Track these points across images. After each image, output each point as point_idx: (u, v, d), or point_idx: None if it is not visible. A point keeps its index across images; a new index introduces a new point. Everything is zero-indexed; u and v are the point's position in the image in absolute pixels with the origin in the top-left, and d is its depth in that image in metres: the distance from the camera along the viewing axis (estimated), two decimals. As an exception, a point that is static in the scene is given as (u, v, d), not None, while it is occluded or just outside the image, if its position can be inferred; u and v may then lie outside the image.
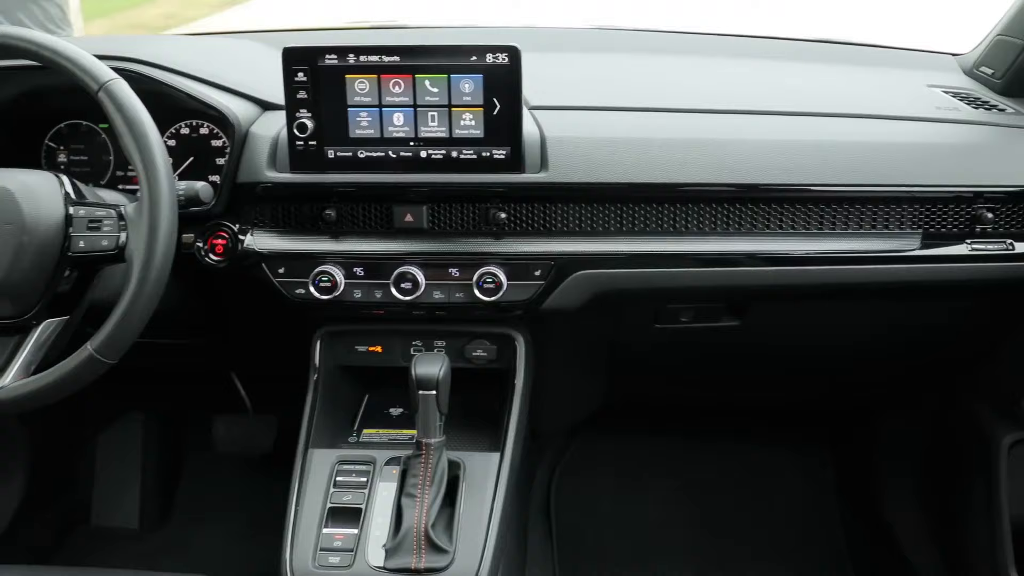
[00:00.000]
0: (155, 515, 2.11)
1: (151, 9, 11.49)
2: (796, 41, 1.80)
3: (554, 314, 1.34)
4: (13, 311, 1.12)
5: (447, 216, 1.31)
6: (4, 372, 1.11)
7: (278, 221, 1.33)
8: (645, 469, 2.10)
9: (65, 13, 4.57)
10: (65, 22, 4.55)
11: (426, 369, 1.21)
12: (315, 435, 1.35)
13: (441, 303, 1.31)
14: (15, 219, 1.09)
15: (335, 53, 1.23)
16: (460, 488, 1.25)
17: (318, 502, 1.26)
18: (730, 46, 1.81)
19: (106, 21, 8.99)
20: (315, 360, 1.40)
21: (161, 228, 1.08)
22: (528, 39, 1.24)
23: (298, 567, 1.19)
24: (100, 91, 1.10)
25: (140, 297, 1.07)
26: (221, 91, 1.35)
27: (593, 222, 1.31)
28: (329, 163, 1.27)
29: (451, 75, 1.22)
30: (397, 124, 1.25)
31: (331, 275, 1.30)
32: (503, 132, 1.24)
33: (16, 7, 4.26)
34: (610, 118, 1.36)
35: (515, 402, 1.36)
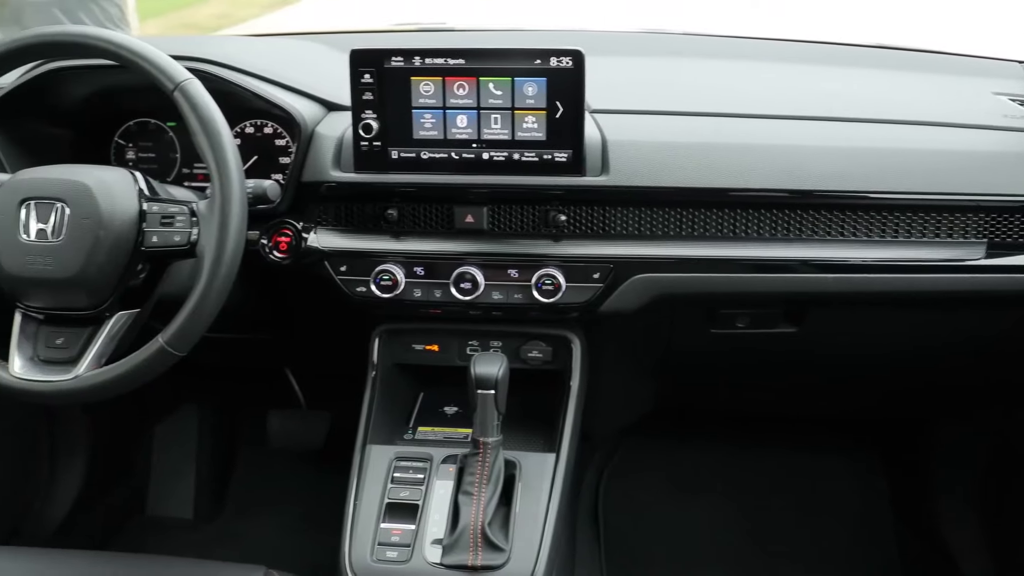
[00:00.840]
0: (208, 506, 2.15)
1: (203, 9, 11.69)
2: (857, 47, 1.79)
3: (610, 317, 1.35)
4: (88, 303, 1.15)
5: (507, 218, 1.32)
6: (78, 362, 1.14)
7: (341, 220, 1.36)
8: (694, 475, 2.09)
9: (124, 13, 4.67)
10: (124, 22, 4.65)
11: (485, 368, 1.22)
12: (373, 431, 1.37)
13: (499, 304, 1.32)
14: (92, 214, 1.12)
15: (401, 55, 1.24)
16: (516, 487, 1.26)
17: (376, 497, 1.28)
18: (788, 51, 1.80)
19: (159, 21, 9.17)
20: (373, 357, 1.42)
21: (232, 225, 1.11)
22: (583, 42, 1.24)
23: (356, 561, 1.21)
24: (175, 90, 1.12)
25: (210, 292, 1.10)
26: (288, 91, 1.38)
27: (652, 226, 1.31)
28: (392, 164, 1.29)
29: (515, 78, 1.24)
30: (460, 126, 1.26)
31: (392, 274, 1.32)
32: (565, 135, 1.25)
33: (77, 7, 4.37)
34: (670, 122, 1.36)
35: (570, 404, 1.37)
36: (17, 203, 1.13)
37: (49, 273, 1.12)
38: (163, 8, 11.23)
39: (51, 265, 1.12)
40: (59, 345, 1.16)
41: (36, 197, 1.13)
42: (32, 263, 1.13)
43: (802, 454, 2.10)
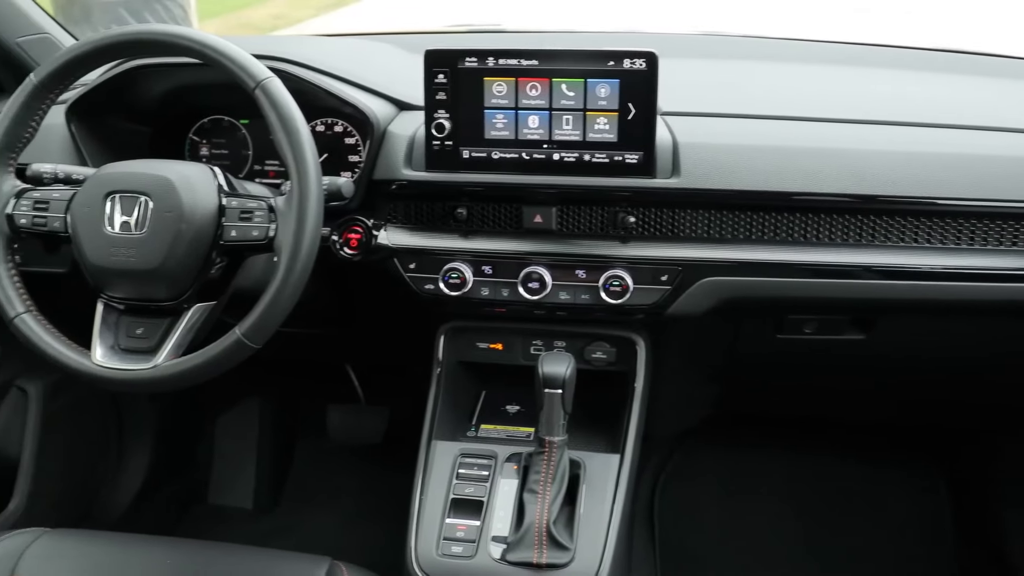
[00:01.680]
0: (268, 497, 2.18)
1: (260, 10, 11.86)
2: (927, 51, 1.76)
3: (677, 319, 1.35)
4: (167, 294, 1.18)
5: (576, 218, 1.33)
6: (157, 352, 1.17)
7: (411, 218, 1.37)
8: (749, 480, 2.07)
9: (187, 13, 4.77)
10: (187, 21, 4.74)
11: (553, 368, 1.23)
12: (438, 427, 1.39)
13: (567, 304, 1.33)
14: (175, 208, 1.15)
15: (475, 56, 1.26)
16: (581, 487, 1.27)
17: (441, 493, 1.29)
18: (857, 55, 1.78)
19: (218, 21, 9.32)
20: (438, 355, 1.44)
21: (308, 221, 1.12)
22: (651, 45, 1.24)
23: (423, 555, 1.23)
24: (256, 88, 1.14)
25: (287, 286, 1.12)
26: (361, 91, 1.40)
27: (721, 229, 1.31)
28: (464, 163, 1.30)
29: (588, 79, 1.24)
30: (532, 126, 1.27)
31: (460, 272, 1.33)
32: (637, 137, 1.25)
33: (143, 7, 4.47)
34: (741, 125, 1.36)
35: (635, 406, 1.37)
36: (103, 196, 1.16)
37: (132, 265, 1.15)
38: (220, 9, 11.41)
39: (134, 257, 1.15)
40: (139, 335, 1.19)
41: (121, 190, 1.16)
42: (116, 254, 1.15)
43: (859, 462, 2.07)
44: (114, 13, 4.47)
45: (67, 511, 1.83)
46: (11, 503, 1.68)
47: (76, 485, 1.88)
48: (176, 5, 4.72)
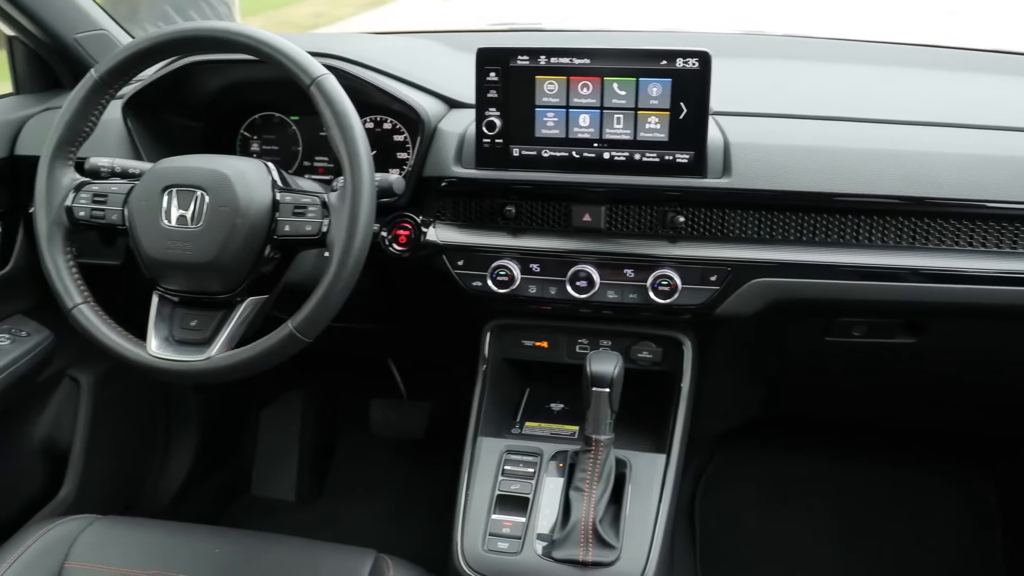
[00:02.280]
0: (310, 489, 2.21)
1: (301, 8, 11.97)
2: (985, 52, 1.73)
3: (725, 320, 1.34)
4: (221, 287, 1.19)
5: (625, 217, 1.33)
6: (211, 344, 1.18)
7: (459, 215, 1.38)
8: (792, 484, 2.06)
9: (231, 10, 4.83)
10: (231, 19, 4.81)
11: (601, 367, 1.23)
12: (483, 424, 1.39)
13: (614, 303, 1.32)
14: (230, 202, 1.16)
15: (527, 54, 1.26)
16: (626, 487, 1.27)
17: (487, 489, 1.30)
18: (910, 55, 1.76)
19: (259, 19, 9.42)
20: (485, 351, 1.44)
21: (361, 217, 1.13)
22: (700, 44, 1.24)
23: (468, 550, 1.24)
24: (312, 85, 1.15)
25: (339, 281, 1.13)
26: (413, 88, 1.41)
27: (772, 230, 1.30)
28: (514, 161, 1.30)
29: (640, 78, 1.24)
30: (583, 125, 1.27)
31: (508, 269, 1.33)
32: (688, 136, 1.25)
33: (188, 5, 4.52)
34: (793, 126, 1.34)
35: (681, 406, 1.36)
36: (160, 190, 1.18)
37: (187, 258, 1.17)
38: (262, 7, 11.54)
39: (190, 250, 1.16)
40: (193, 327, 1.21)
41: (178, 185, 1.18)
42: (172, 247, 1.17)
43: (904, 467, 2.04)
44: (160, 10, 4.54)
45: (115, 499, 1.86)
46: (62, 490, 1.71)
47: (124, 474, 1.92)
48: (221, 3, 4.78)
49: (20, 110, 1.59)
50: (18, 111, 1.58)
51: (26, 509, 1.68)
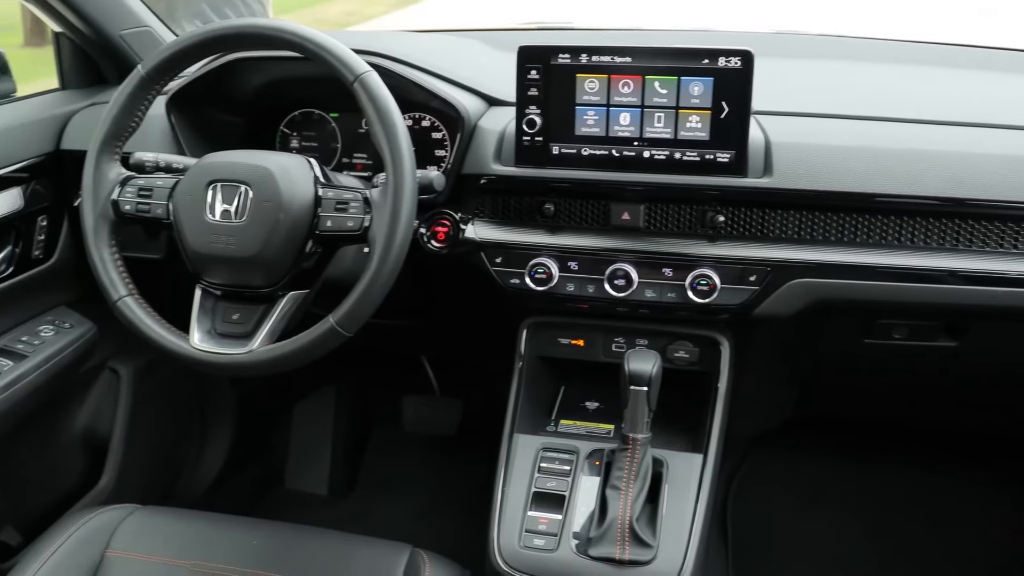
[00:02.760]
0: (342, 484, 2.23)
1: (334, 6, 12.05)
2: (1019, 52, 1.71)
3: (763, 320, 1.33)
4: (263, 282, 1.20)
5: (664, 216, 1.32)
6: (252, 337, 1.19)
7: (498, 212, 1.38)
8: (828, 488, 2.04)
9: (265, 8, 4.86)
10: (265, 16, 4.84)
11: (639, 365, 1.23)
12: (519, 421, 1.39)
13: (653, 302, 1.32)
14: (273, 197, 1.17)
15: (568, 52, 1.26)
16: (663, 486, 1.27)
17: (523, 486, 1.30)
18: (954, 56, 1.74)
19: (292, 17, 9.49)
20: (521, 349, 1.45)
21: (403, 213, 1.14)
22: (739, 43, 1.23)
23: (505, 546, 1.24)
24: (355, 82, 1.16)
25: (380, 276, 1.14)
26: (453, 86, 1.41)
27: (812, 230, 1.29)
28: (553, 159, 1.31)
29: (681, 77, 1.24)
30: (623, 124, 1.27)
31: (546, 267, 1.34)
32: (729, 135, 1.24)
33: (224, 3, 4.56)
34: (834, 125, 1.34)
35: (718, 406, 1.36)
36: (205, 184, 1.20)
37: (231, 252, 1.18)
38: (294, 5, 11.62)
39: (233, 244, 1.18)
40: (235, 320, 1.22)
41: (222, 179, 1.19)
42: (216, 241, 1.18)
43: (945, 476, 2.02)
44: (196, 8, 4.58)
45: (152, 490, 1.89)
46: (101, 480, 1.74)
47: (161, 465, 1.94)
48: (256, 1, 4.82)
49: (66, 105, 1.61)
50: (64, 106, 1.61)
51: (67, 498, 1.71)
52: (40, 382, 1.47)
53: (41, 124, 1.56)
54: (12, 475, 1.60)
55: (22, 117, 1.55)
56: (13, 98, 1.60)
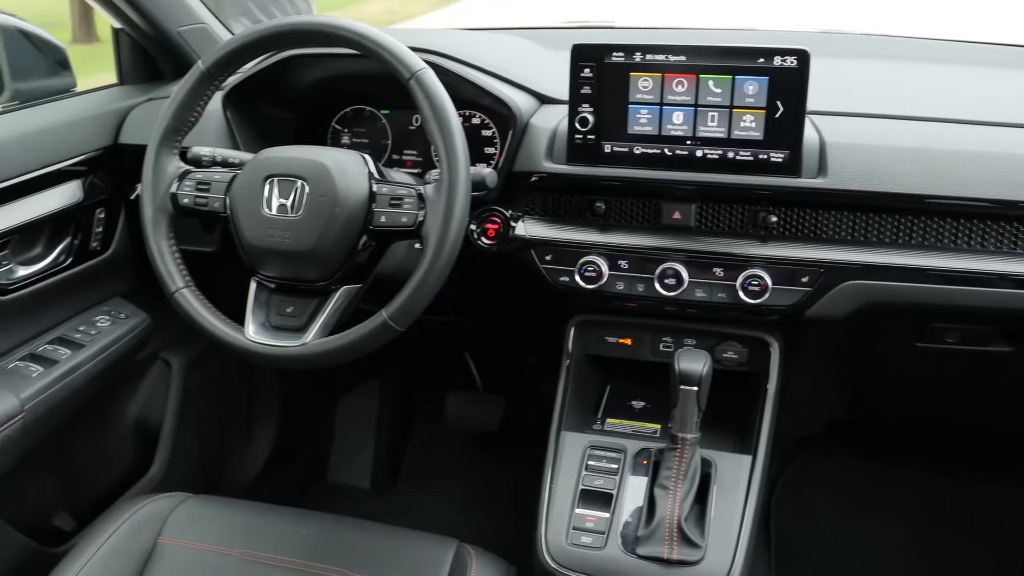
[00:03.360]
0: (384, 478, 2.24)
1: (374, 5, 12.13)
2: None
3: (815, 322, 1.32)
4: (317, 275, 1.22)
5: (715, 216, 1.32)
6: (306, 330, 1.20)
7: (548, 210, 1.39)
8: (874, 493, 2.02)
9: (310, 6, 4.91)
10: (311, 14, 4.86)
11: (690, 365, 1.23)
12: (566, 419, 1.40)
13: (702, 302, 1.32)
14: (329, 192, 1.18)
15: (622, 51, 1.26)
16: (712, 487, 1.27)
17: (570, 483, 1.30)
18: (1006, 57, 1.72)
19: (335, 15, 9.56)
20: (568, 347, 1.45)
21: (457, 209, 1.14)
22: (786, 42, 1.22)
23: (552, 543, 1.24)
24: (411, 79, 1.17)
25: (433, 272, 1.14)
26: (506, 84, 1.42)
27: (866, 231, 1.28)
28: (605, 157, 1.31)
29: (736, 76, 1.23)
30: (676, 123, 1.27)
31: (596, 265, 1.34)
32: (784, 135, 1.23)
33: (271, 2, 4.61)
34: (890, 126, 1.32)
35: (767, 408, 1.35)
36: (262, 179, 1.21)
37: (287, 245, 1.19)
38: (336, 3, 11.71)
39: (289, 238, 1.19)
40: (288, 313, 1.24)
41: (279, 174, 1.21)
42: (272, 235, 1.20)
43: (996, 484, 1.98)
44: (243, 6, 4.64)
45: (199, 479, 1.92)
46: (152, 468, 1.77)
47: (209, 455, 1.97)
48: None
49: (124, 100, 1.65)
50: (122, 101, 1.64)
51: (118, 485, 1.74)
52: (96, 371, 1.50)
53: (100, 118, 1.59)
54: (67, 462, 1.64)
55: (82, 111, 1.58)
56: (73, 93, 1.63)
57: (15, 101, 1.53)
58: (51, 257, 1.51)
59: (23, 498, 1.53)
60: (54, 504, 1.63)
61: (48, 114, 1.54)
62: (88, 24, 9.11)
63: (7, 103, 1.52)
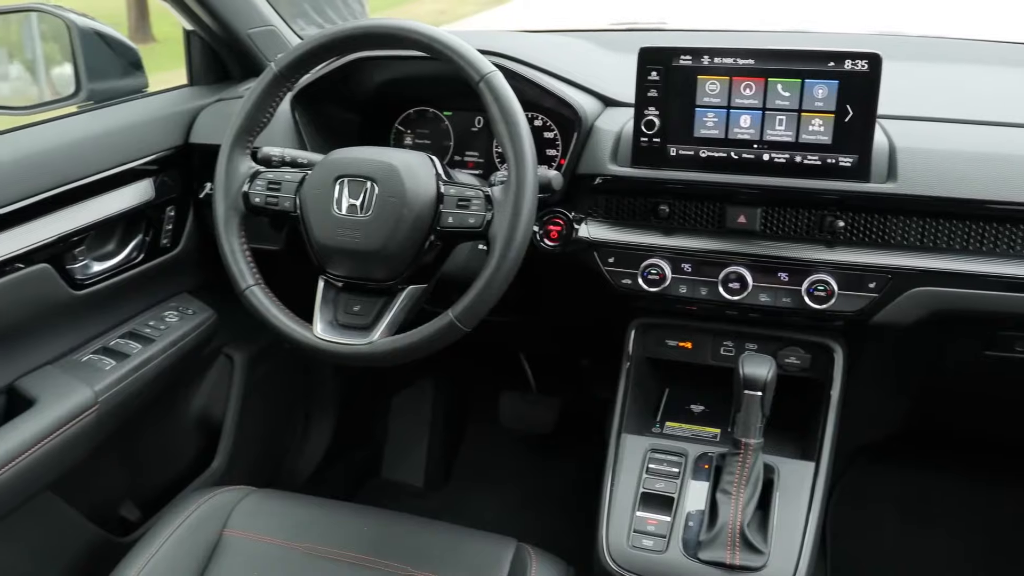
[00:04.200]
0: (437, 476, 2.26)
1: (425, 5, 12.21)
2: None
3: (880, 328, 1.31)
4: (385, 275, 1.23)
5: (781, 220, 1.31)
6: (372, 329, 1.22)
7: (611, 213, 1.39)
8: (934, 505, 1.98)
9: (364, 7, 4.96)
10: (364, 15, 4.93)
11: (754, 370, 1.22)
12: (626, 421, 1.40)
13: (766, 306, 1.31)
14: (398, 193, 1.20)
15: (690, 54, 1.26)
16: (774, 493, 1.26)
17: (631, 486, 1.30)
18: None
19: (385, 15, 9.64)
20: (628, 349, 1.45)
21: (524, 211, 1.15)
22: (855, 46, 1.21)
23: (614, 545, 1.25)
24: (481, 81, 1.18)
25: (499, 273, 1.15)
26: (571, 86, 1.42)
27: (936, 237, 1.26)
28: (670, 160, 1.31)
29: (805, 80, 1.22)
30: (743, 126, 1.27)
31: (660, 268, 1.34)
32: (853, 140, 1.22)
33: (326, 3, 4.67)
34: (960, 130, 1.30)
35: (831, 415, 1.34)
36: (332, 179, 1.23)
37: (356, 245, 1.21)
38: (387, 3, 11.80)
39: (358, 238, 1.21)
40: (356, 312, 1.25)
41: (349, 175, 1.22)
42: (341, 235, 1.22)
43: None
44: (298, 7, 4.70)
45: (259, 474, 1.95)
46: (214, 462, 1.80)
47: (268, 450, 2.01)
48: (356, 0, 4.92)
49: (194, 100, 1.68)
50: (192, 101, 1.68)
51: (181, 478, 1.78)
52: (165, 365, 1.53)
53: (172, 118, 1.63)
54: (134, 453, 1.68)
55: (154, 111, 1.62)
56: (145, 93, 1.67)
57: (90, 101, 1.57)
58: (124, 253, 1.55)
59: (93, 488, 1.57)
60: (121, 495, 1.67)
61: (122, 114, 1.58)
62: (144, 25, 9.32)
63: (83, 103, 1.56)
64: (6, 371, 1.37)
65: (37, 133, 1.44)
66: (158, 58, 1.94)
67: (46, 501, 1.43)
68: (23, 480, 1.28)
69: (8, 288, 1.30)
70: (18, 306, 1.34)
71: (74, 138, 1.44)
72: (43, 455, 1.30)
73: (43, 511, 1.43)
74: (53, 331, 1.44)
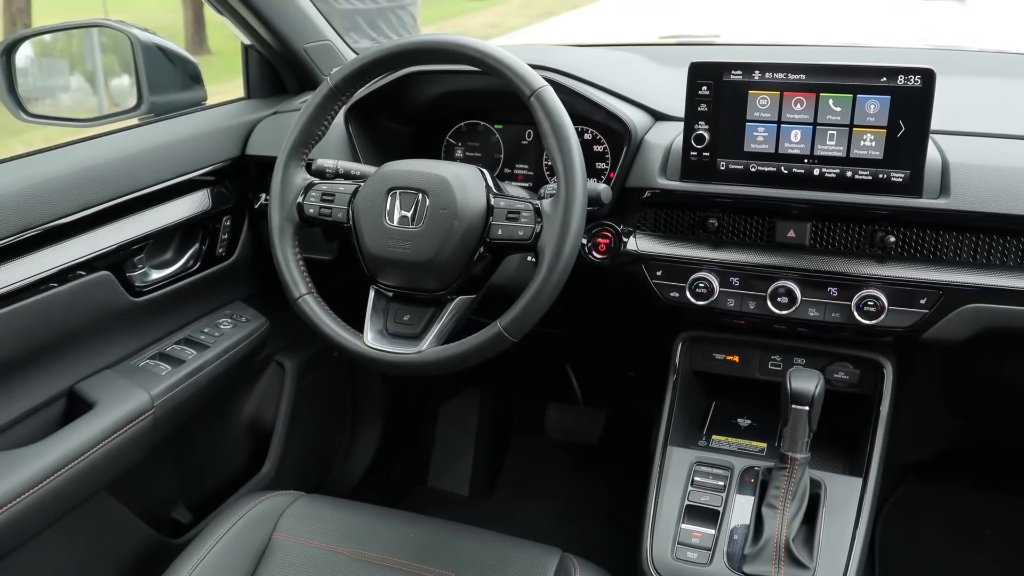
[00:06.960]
0: (483, 485, 2.27)
1: (475, 18, 12.30)
2: None
3: (931, 345, 1.30)
4: (435, 286, 1.25)
5: (831, 235, 1.31)
6: (422, 338, 1.24)
7: (660, 226, 1.40)
8: (985, 525, 1.95)
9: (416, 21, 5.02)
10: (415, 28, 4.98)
11: (802, 384, 1.22)
12: (672, 434, 1.40)
13: (815, 321, 1.31)
14: (449, 205, 1.22)
15: (740, 69, 1.26)
16: (821, 508, 1.25)
17: (676, 498, 1.31)
18: None
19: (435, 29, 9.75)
20: (675, 362, 1.45)
21: (573, 224, 1.16)
22: (891, 59, 1.20)
23: (658, 557, 1.25)
24: (532, 96, 1.19)
25: (548, 284, 1.16)
26: (621, 100, 1.43)
27: (989, 253, 1.25)
28: (720, 174, 1.31)
29: (857, 95, 1.22)
30: (794, 141, 1.26)
31: (708, 282, 1.34)
32: (905, 155, 1.22)
33: (377, 16, 4.74)
34: (1017, 147, 1.29)
35: (879, 431, 1.33)
36: (385, 191, 1.25)
37: (407, 256, 1.23)
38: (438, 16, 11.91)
39: (409, 249, 1.23)
40: (406, 322, 1.27)
41: (401, 187, 1.25)
42: (393, 246, 1.24)
43: None
44: (351, 21, 4.79)
45: (307, 480, 1.98)
46: (264, 466, 1.84)
47: (316, 456, 2.04)
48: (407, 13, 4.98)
49: (251, 113, 1.72)
50: (249, 114, 1.72)
51: (232, 481, 1.81)
52: (219, 371, 1.57)
53: (229, 131, 1.67)
54: (187, 458, 1.72)
55: (212, 124, 1.66)
56: (203, 106, 1.72)
57: (151, 114, 1.62)
58: (181, 262, 1.59)
59: (147, 490, 1.61)
60: (174, 497, 1.71)
61: (181, 126, 1.62)
62: (200, 38, 9.53)
63: (145, 115, 1.61)
64: (67, 375, 1.41)
65: (99, 145, 1.49)
66: (213, 70, 1.99)
67: (101, 502, 1.47)
68: (81, 481, 1.32)
69: (70, 295, 1.35)
70: (79, 312, 1.38)
71: (135, 150, 1.49)
72: (100, 457, 1.34)
73: (98, 511, 1.47)
74: (112, 337, 1.48)
